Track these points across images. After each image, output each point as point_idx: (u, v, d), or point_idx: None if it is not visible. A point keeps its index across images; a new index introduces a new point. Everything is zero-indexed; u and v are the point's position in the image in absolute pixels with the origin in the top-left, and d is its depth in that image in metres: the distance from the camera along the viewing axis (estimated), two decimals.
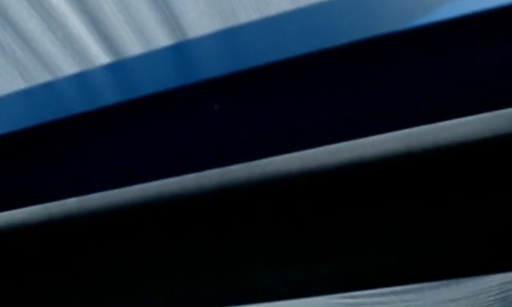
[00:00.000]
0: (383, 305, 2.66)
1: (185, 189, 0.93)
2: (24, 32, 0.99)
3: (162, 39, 0.83)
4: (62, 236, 1.05)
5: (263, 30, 0.78)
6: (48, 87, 0.97)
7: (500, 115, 0.68)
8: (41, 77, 0.97)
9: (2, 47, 0.96)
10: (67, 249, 1.07)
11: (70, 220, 1.03)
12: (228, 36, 0.79)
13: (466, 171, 0.72)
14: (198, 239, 0.97)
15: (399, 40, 0.69)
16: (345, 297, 2.58)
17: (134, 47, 0.87)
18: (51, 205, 1.05)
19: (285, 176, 0.84)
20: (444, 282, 2.59)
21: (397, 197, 0.77)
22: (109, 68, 0.91)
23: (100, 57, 0.92)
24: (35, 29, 0.98)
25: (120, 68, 0.91)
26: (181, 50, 0.84)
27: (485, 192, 0.73)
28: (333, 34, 0.69)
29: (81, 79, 0.94)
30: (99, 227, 1.02)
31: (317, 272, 0.96)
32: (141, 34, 0.86)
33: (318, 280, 0.97)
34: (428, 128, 0.73)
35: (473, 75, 0.71)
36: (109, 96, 0.90)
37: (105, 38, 0.90)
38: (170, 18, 0.86)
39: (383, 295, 2.56)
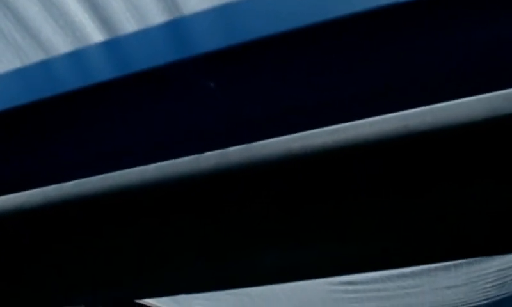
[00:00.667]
0: (381, 292, 2.69)
1: (182, 172, 0.92)
2: (17, 11, 0.98)
3: (157, 16, 0.82)
4: (59, 219, 1.05)
5: (259, 5, 0.77)
6: (43, 66, 0.96)
7: (498, 96, 0.67)
8: (35, 55, 0.96)
9: None
10: (64, 232, 1.07)
11: (67, 204, 1.03)
12: (224, 12, 0.78)
13: (463, 152, 0.71)
14: (195, 222, 0.97)
15: (391, 16, 0.67)
16: (344, 283, 2.60)
17: (128, 24, 0.85)
18: (48, 189, 1.05)
19: (281, 158, 0.83)
20: (442, 269, 2.61)
21: (392, 180, 0.77)
22: (104, 45, 0.90)
23: (95, 34, 0.90)
24: (29, 7, 0.97)
25: (115, 46, 0.89)
26: (176, 27, 0.83)
27: (482, 173, 0.72)
28: (331, 7, 0.68)
29: (76, 57, 0.93)
30: (96, 210, 1.02)
31: (312, 255, 0.95)
32: (136, 10, 0.84)
33: (312, 263, 0.97)
34: (423, 110, 0.72)
35: (470, 54, 0.70)
36: (104, 74, 0.89)
37: (100, 15, 0.89)
38: None
39: (382, 281, 2.58)
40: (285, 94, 0.77)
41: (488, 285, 2.45)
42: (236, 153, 0.89)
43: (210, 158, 0.93)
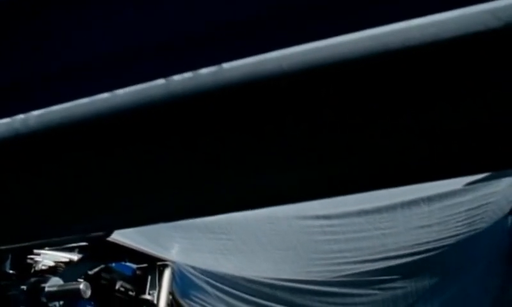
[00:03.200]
0: (358, 233, 2.78)
1: (155, 97, 0.90)
2: None
3: None
4: (29, 150, 1.02)
5: None
6: None
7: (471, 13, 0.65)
8: None
9: None
10: (34, 163, 1.04)
11: (34, 134, 1.00)
12: None
13: (437, 71, 0.70)
14: (167, 148, 0.95)
15: None
16: (319, 218, 2.67)
17: None
18: (15, 120, 1.01)
19: (251, 80, 0.81)
20: (416, 211, 2.69)
21: (359, 101, 0.76)
22: None
23: None
24: None
25: None
26: None
27: (456, 92, 0.72)
28: None
29: None
30: (65, 140, 0.99)
31: (283, 179, 0.96)
32: None
33: (283, 188, 0.98)
34: (394, 28, 0.70)
35: None
36: None
37: None
38: None
39: (358, 215, 2.66)
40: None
41: (459, 223, 2.55)
42: (208, 75, 0.86)
43: (180, 82, 0.90)
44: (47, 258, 2.19)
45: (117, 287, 2.38)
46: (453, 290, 2.60)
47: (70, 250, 2.32)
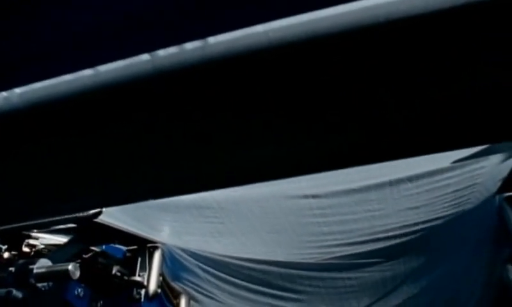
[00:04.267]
0: (348, 215, 2.79)
1: (139, 72, 0.89)
2: None
3: None
4: (9, 128, 1.00)
5: None
6: None
7: None
8: None
9: None
10: (24, 141, 1.02)
11: (16, 113, 0.98)
12: None
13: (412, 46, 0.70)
14: (154, 124, 0.94)
15: None
16: (308, 197, 2.68)
17: None
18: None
19: (237, 54, 0.80)
20: (404, 192, 2.71)
21: (346, 72, 0.75)
22: None
23: None
24: None
25: None
26: None
27: (433, 64, 0.72)
28: None
29: None
30: (53, 118, 0.97)
31: (273, 153, 0.96)
32: None
33: (273, 162, 0.98)
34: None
35: None
36: None
37: None
38: None
39: (346, 194, 2.67)
40: None
41: (446, 204, 2.57)
42: (193, 50, 0.85)
43: (165, 57, 0.88)
44: (35, 240, 2.18)
45: (107, 269, 2.38)
46: (441, 270, 2.64)
47: (59, 232, 2.31)
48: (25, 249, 2.12)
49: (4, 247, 2.07)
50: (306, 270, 2.74)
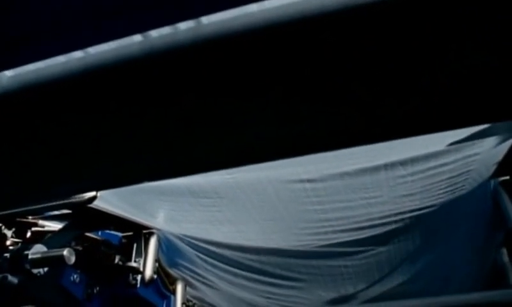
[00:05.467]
0: (344, 202, 2.80)
1: (132, 54, 0.87)
2: None
3: None
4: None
5: None
6: None
7: None
8: None
9: None
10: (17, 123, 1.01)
11: (6, 96, 0.97)
12: None
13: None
14: (146, 107, 0.93)
15: None
16: (303, 181, 2.68)
17: None
18: None
19: (232, 34, 0.79)
20: (400, 180, 2.71)
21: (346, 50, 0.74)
22: None
23: None
24: None
25: None
26: None
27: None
28: None
29: None
30: (46, 100, 0.96)
31: (269, 135, 0.95)
32: None
33: (268, 144, 0.97)
34: None
35: None
36: None
37: None
38: None
39: (341, 177, 2.68)
40: None
41: (441, 191, 2.59)
42: (187, 31, 0.84)
43: (158, 38, 0.87)
44: (31, 226, 2.17)
45: (103, 255, 2.38)
46: (436, 254, 2.66)
47: (54, 218, 2.30)
48: (20, 236, 2.11)
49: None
50: (303, 258, 2.76)
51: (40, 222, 2.22)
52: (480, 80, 0.75)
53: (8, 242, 2.06)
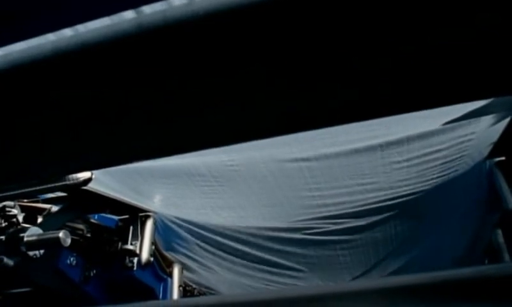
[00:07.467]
0: (342, 189, 2.81)
1: (124, 30, 0.86)
2: None
3: None
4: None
5: None
6: None
7: None
8: None
9: None
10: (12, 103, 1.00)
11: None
12: None
13: None
14: (139, 84, 0.92)
15: None
16: (298, 160, 2.68)
17: None
18: None
19: (227, 9, 0.78)
20: (396, 166, 2.72)
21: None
22: None
23: None
24: None
25: None
26: None
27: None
28: None
29: None
30: (32, 77, 0.95)
31: (258, 113, 0.94)
32: None
33: (257, 121, 0.96)
34: None
35: None
36: None
37: None
38: None
39: (336, 157, 2.68)
40: None
41: (435, 176, 2.60)
42: (181, 6, 0.82)
43: (151, 15, 0.85)
44: (24, 209, 2.17)
45: (99, 238, 2.38)
46: (432, 237, 2.68)
47: (49, 201, 2.29)
48: (15, 219, 2.10)
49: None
50: (300, 247, 2.78)
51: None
52: (476, 53, 0.74)
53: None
